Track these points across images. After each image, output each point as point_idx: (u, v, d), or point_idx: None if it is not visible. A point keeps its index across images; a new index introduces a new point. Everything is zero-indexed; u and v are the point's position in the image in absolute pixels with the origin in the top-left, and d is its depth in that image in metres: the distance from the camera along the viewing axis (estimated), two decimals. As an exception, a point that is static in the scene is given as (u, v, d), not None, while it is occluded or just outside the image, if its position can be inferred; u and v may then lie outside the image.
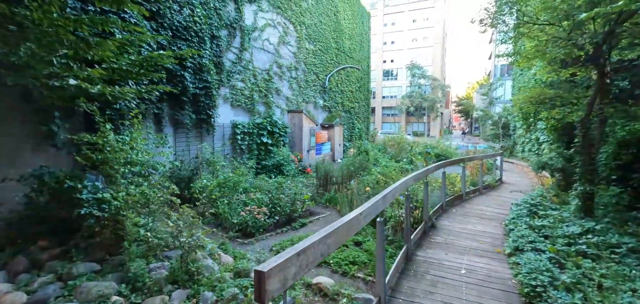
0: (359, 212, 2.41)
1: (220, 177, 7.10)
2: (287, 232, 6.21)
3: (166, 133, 8.60)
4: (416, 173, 5.13)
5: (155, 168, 6.16)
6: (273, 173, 12.07)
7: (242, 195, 7.09)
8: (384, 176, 8.10)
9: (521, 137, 19.22)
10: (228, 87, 10.97)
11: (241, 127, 11.42)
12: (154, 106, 7.88)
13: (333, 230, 1.97)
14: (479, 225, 6.61)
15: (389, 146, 19.74)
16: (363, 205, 2.64)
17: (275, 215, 6.42)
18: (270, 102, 13.29)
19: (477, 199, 9.16)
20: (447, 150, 20.66)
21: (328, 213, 7.64)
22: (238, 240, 5.61)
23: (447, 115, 66.83)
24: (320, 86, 17.88)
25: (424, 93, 47.24)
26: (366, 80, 24.96)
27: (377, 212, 3.03)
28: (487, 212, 7.64)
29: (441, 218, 7.09)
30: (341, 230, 2.07)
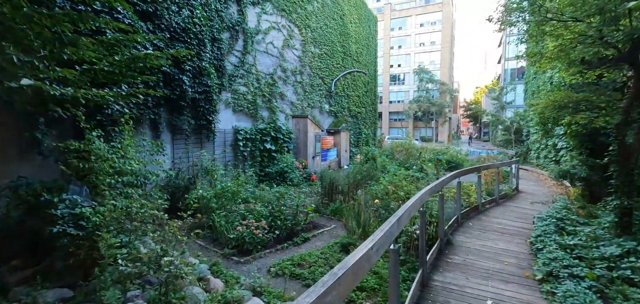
0: (369, 246, 1.88)
1: (218, 187, 6.62)
2: (288, 248, 5.68)
3: (163, 139, 8.17)
4: (432, 186, 4.57)
5: (147, 177, 5.70)
6: (276, 180, 11.58)
7: (242, 206, 6.59)
8: (393, 186, 7.53)
9: (536, 143, 18.42)
10: (230, 92, 10.55)
11: (243, 132, 10.97)
12: (150, 111, 7.47)
13: (334, 280, 1.44)
14: (500, 241, 5.99)
15: (397, 152, 19.12)
16: (374, 235, 2.11)
17: (275, 229, 5.90)
18: (274, 107, 12.85)
19: (494, 211, 8.51)
20: (457, 156, 19.94)
21: (333, 225, 7.08)
22: (234, 258, 5.10)
23: (455, 120, 65.79)
24: (326, 90, 17.41)
25: (432, 98, 46.47)
26: (373, 85, 24.43)
27: (391, 240, 2.49)
28: (508, 226, 7.01)
29: (457, 233, 6.49)
30: (346, 279, 1.54)
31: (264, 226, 5.46)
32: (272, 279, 4.39)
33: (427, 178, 10.27)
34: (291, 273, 4.45)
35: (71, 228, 3.69)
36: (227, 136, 10.63)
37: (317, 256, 5.09)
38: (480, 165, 9.60)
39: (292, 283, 4.34)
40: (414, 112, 48.22)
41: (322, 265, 4.72)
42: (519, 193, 11.17)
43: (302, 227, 6.43)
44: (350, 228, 5.90)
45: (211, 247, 5.59)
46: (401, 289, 4.11)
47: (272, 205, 6.30)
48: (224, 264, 4.88)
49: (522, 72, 38.71)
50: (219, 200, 6.48)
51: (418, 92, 48.31)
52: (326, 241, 6.11)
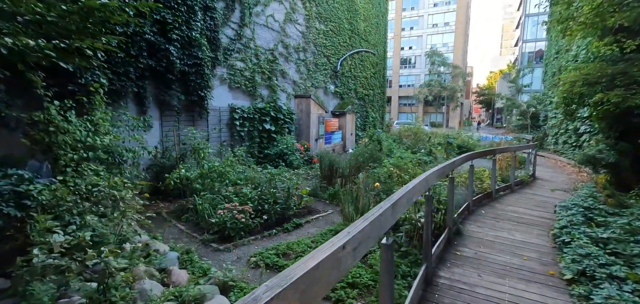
0: (340, 245, 1.22)
1: (205, 167, 6.04)
2: (276, 235, 5.10)
3: (150, 115, 7.62)
4: (440, 167, 3.87)
5: (121, 155, 5.14)
6: (276, 163, 10.98)
7: (230, 188, 6.02)
8: (397, 169, 6.84)
9: (554, 128, 17.31)
10: (225, 67, 9.89)
11: (240, 111, 10.35)
12: (133, 83, 6.87)
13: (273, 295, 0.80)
14: (517, 232, 5.28)
15: (405, 136, 18.28)
16: (353, 226, 1.45)
17: (263, 214, 5.31)
18: (274, 85, 12.15)
19: (509, 198, 7.75)
20: (469, 141, 18.98)
21: (330, 211, 6.47)
22: (213, 245, 4.54)
23: (467, 106, 63.82)
24: (331, 70, 16.57)
25: (443, 82, 44.86)
26: (382, 66, 23.36)
27: (382, 231, 1.83)
28: (525, 215, 6.26)
29: (468, 221, 5.80)
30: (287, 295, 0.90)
31: (249, 210, 4.87)
32: (251, 271, 3.82)
33: (435, 162, 9.51)
34: (273, 264, 3.86)
35: (11, 208, 3.15)
36: (223, 114, 10.03)
37: (307, 245, 4.49)
38: (496, 148, 8.78)
39: (272, 275, 3.75)
40: (424, 97, 46.73)
41: (310, 256, 4.11)
42: (535, 180, 10.34)
43: (294, 212, 5.83)
44: (347, 214, 5.27)
45: (192, 232, 5.04)
46: (400, 287, 3.48)
47: (261, 188, 5.70)
48: (200, 252, 4.33)
49: (540, 54, 36.83)
50: (205, 180, 5.91)
51: (429, 76, 46.67)
52: (320, 228, 5.50)
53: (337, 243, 1.24)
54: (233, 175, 6.29)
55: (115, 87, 6.40)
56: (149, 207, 6.37)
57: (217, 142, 9.87)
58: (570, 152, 14.35)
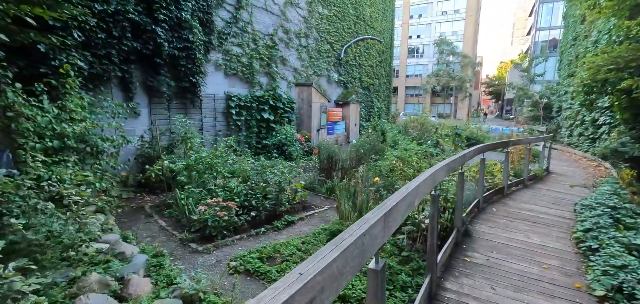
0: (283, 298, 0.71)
1: (192, 157, 5.57)
2: (265, 234, 4.62)
3: (138, 102, 7.16)
4: (450, 161, 3.32)
5: (96, 144, 4.69)
6: (274, 154, 10.50)
7: (219, 181, 5.56)
8: (401, 162, 6.29)
9: (568, 120, 16.46)
10: (221, 52, 9.36)
11: (236, 99, 9.84)
12: (117, 67, 6.39)
13: None
14: (534, 234, 4.72)
15: (411, 127, 17.62)
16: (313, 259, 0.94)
17: (251, 210, 4.83)
18: (273, 72, 11.59)
19: (523, 194, 7.15)
20: (477, 133, 18.26)
21: (327, 207, 5.98)
22: (192, 244, 4.08)
23: (476, 97, 62.36)
24: (335, 58, 15.91)
25: (452, 72, 43.65)
26: (388, 55, 22.56)
27: (369, 254, 1.32)
28: (542, 214, 5.68)
29: (477, 220, 5.25)
30: None
31: (234, 207, 4.39)
32: (229, 278, 3.35)
33: (443, 154, 8.92)
34: (255, 270, 3.39)
35: (-57, 206, 2.71)
36: (218, 102, 9.54)
37: (296, 247, 4.01)
38: (509, 139, 8.15)
39: (253, 283, 3.28)
40: (432, 87, 45.59)
41: (297, 260, 3.63)
42: (549, 175, 9.68)
43: (287, 208, 5.35)
44: (343, 211, 4.77)
45: (172, 229, 4.59)
46: (399, 302, 2.98)
47: (250, 181, 5.22)
48: (176, 254, 3.88)
49: (554, 43, 35.44)
50: (191, 173, 5.45)
51: (438, 65, 45.44)
52: (315, 226, 5.01)
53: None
54: (222, 166, 5.81)
55: (96, 70, 5.93)
56: (133, 200, 5.96)
57: (212, 131, 9.42)
58: (586, 144, 13.58)
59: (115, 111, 5.43)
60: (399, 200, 1.72)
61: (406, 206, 1.89)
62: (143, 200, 5.99)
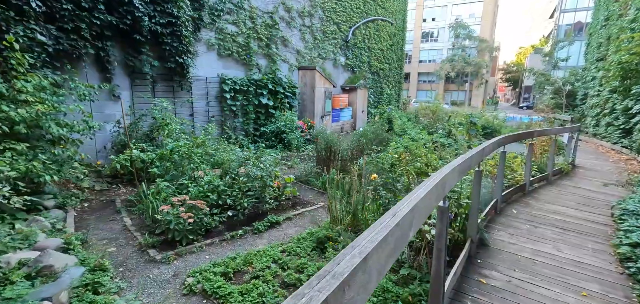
0: None
1: (168, 147, 4.92)
2: (242, 238, 3.96)
3: (117, 84, 6.53)
4: (465, 159, 2.53)
5: (50, 131, 4.07)
6: (272, 142, 9.83)
7: (200, 172, 4.90)
8: (407, 154, 5.50)
9: (595, 108, 15.13)
10: (213, 30, 8.61)
11: (231, 82, 9.13)
12: (89, 44, 5.73)
13: None
14: (564, 245, 3.90)
15: (423, 115, 16.60)
16: None
17: (228, 209, 4.16)
18: (273, 54, 10.79)
19: (547, 193, 6.27)
20: (493, 122, 17.12)
21: (320, 204, 5.27)
22: (151, 251, 3.45)
23: (492, 84, 59.88)
24: (342, 40, 14.95)
25: (468, 57, 41.71)
26: (400, 38, 21.30)
27: None
28: (571, 218, 4.83)
29: (495, 225, 4.46)
30: None
31: (202, 206, 3.72)
32: (183, 299, 2.70)
33: (455, 145, 8.05)
34: (213, 291, 2.71)
35: None
36: (211, 86, 8.85)
37: (273, 259, 3.32)
38: (534, 129, 7.21)
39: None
40: (446, 73, 43.78)
41: (270, 278, 2.94)
42: (575, 169, 8.70)
43: (273, 206, 4.67)
44: (334, 213, 4.05)
45: (136, 230, 3.97)
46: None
47: (230, 175, 4.53)
48: (129, 263, 3.25)
49: (579, 26, 33.24)
50: (164, 163, 4.81)
51: (453, 50, 43.49)
52: (303, 228, 4.33)
53: None
54: (202, 157, 5.15)
55: (63, 46, 5.29)
56: (107, 193, 5.38)
57: (204, 117, 8.77)
58: (616, 135, 12.38)
59: (82, 93, 4.79)
60: (387, 233, 0.99)
61: (397, 243, 1.14)
62: (117, 193, 5.40)
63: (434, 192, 1.66)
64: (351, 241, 2.82)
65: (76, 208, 4.59)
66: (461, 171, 2.41)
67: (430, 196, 1.60)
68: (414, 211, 1.27)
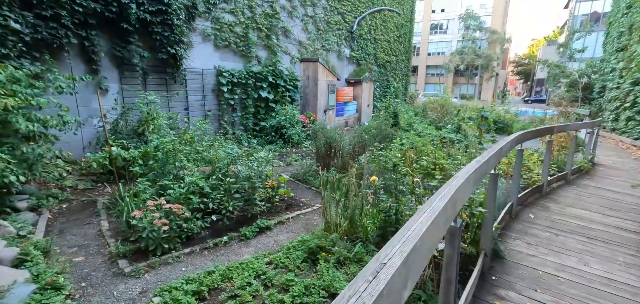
0: None
1: (153, 143, 4.54)
2: (227, 245, 3.57)
3: (105, 76, 6.18)
4: (479, 163, 2.06)
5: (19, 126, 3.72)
6: (271, 137, 9.43)
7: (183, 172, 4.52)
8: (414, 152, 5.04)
9: (614, 102, 14.33)
10: (209, 20, 8.19)
11: (228, 75, 8.72)
12: (71, 32, 5.37)
13: None
14: (592, 257, 3.42)
15: (431, 109, 16.01)
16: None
17: (212, 213, 3.78)
18: (274, 45, 10.33)
19: (567, 194, 5.74)
20: (504, 116, 16.44)
21: (317, 206, 4.86)
22: (121, 262, 3.08)
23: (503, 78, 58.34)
24: (346, 31, 14.39)
25: (478, 49, 40.53)
26: (408, 29, 20.58)
27: None
28: (596, 225, 4.32)
29: (510, 233, 3.98)
30: None
31: (179, 210, 3.33)
32: (144, 326, 2.32)
33: (465, 141, 7.53)
34: (180, 316, 2.33)
35: None
36: (207, 78, 8.46)
37: (256, 273, 2.92)
38: (554, 125, 6.64)
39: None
40: (455, 66, 42.67)
41: (249, 299, 2.53)
42: (596, 167, 8.09)
43: (263, 209, 4.27)
44: (329, 218, 3.62)
45: (111, 236, 3.62)
46: None
47: (216, 174, 4.14)
48: (95, 277, 2.88)
49: (596, 16, 31.89)
50: (148, 162, 4.44)
51: (463, 42, 42.30)
52: (296, 234, 3.93)
53: None
54: (189, 154, 4.76)
55: (42, 35, 4.94)
56: (91, 192, 5.05)
57: (200, 111, 8.40)
58: (637, 131, 11.65)
59: (58, 85, 4.43)
60: None
61: None
62: (103, 192, 5.07)
63: (441, 216, 1.21)
64: (346, 252, 2.35)
65: (53, 210, 4.26)
66: (476, 180, 1.96)
67: (436, 226, 1.16)
68: (408, 263, 0.83)
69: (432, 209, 1.17)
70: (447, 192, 1.37)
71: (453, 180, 1.55)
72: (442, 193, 1.37)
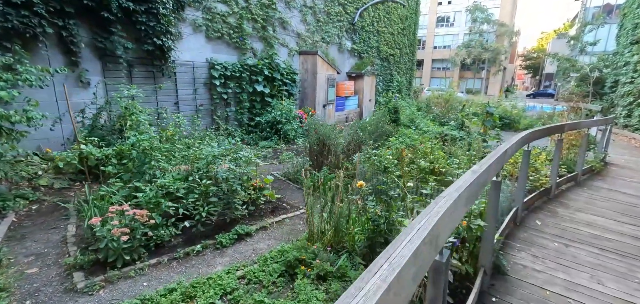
0: None
1: (129, 140, 4.22)
2: (200, 255, 3.25)
3: (86, 69, 5.87)
4: (476, 175, 1.68)
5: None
6: (266, 133, 9.10)
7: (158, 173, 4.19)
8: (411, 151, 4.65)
9: (627, 97, 13.70)
10: (200, 10, 7.83)
11: (221, 68, 8.37)
12: (45, 21, 5.05)
13: None
14: (607, 274, 3.03)
15: (435, 104, 15.52)
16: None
17: (185, 219, 3.46)
18: (270, 37, 9.93)
19: (577, 197, 5.32)
20: (511, 112, 15.90)
21: (304, 210, 4.50)
22: (76, 274, 2.78)
23: (510, 72, 57.16)
24: (348, 23, 13.91)
25: (485, 42, 39.57)
26: (412, 21, 19.96)
27: None
28: (611, 234, 3.92)
29: (514, 243, 3.60)
30: None
31: (141, 217, 3.00)
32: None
33: (468, 138, 7.11)
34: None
35: None
36: (199, 71, 8.12)
37: (225, 290, 2.59)
38: (564, 122, 6.18)
39: None
40: (461, 60, 41.76)
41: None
42: (608, 167, 7.62)
43: (244, 213, 3.94)
44: (312, 227, 3.28)
45: (74, 243, 3.31)
46: None
47: (194, 176, 3.81)
48: (41, 295, 2.58)
49: (609, 8, 30.85)
50: (122, 160, 4.12)
51: (470, 35, 41.33)
52: (278, 241, 3.60)
53: None
54: (172, 152, 4.44)
55: (12, 24, 4.62)
56: (67, 191, 4.76)
57: (191, 106, 8.08)
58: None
59: (26, 78, 4.12)
60: None
61: None
62: (79, 192, 4.78)
63: (416, 260, 0.86)
64: (329, 266, 1.93)
65: (20, 212, 3.98)
66: (472, 195, 1.58)
67: (410, 270, 0.80)
68: None
69: (399, 258, 0.81)
70: (425, 224, 1.01)
71: (435, 203, 1.18)
72: (419, 224, 1.01)
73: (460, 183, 1.47)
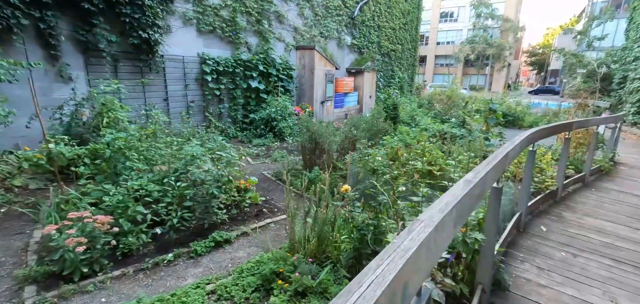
0: None
1: (105, 139, 3.95)
2: (171, 264, 2.98)
3: (67, 63, 5.60)
4: (471, 185, 1.37)
5: None
6: (261, 131, 8.81)
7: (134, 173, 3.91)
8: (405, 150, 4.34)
9: (637, 93, 13.24)
10: (191, 2, 7.52)
11: (213, 63, 8.07)
12: (19, 13, 4.77)
13: None
14: (620, 289, 2.72)
15: (437, 101, 15.14)
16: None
17: (157, 225, 3.18)
18: (265, 31, 9.61)
19: (585, 200, 4.97)
20: (515, 109, 15.48)
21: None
22: (28, 288, 2.51)
23: (515, 69, 56.33)
24: (347, 17, 13.55)
25: (489, 38, 38.91)
26: (415, 16, 19.53)
27: None
28: (623, 242, 3.59)
29: (518, 253, 3.29)
30: None
31: (102, 227, 2.72)
32: None
33: (469, 137, 6.77)
34: None
35: None
36: (190, 66, 7.83)
37: (189, 308, 2.31)
38: (572, 120, 5.82)
39: None
40: (465, 56, 41.13)
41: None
42: (617, 167, 7.25)
43: (224, 218, 3.65)
44: (294, 236, 2.99)
45: (33, 254, 3.05)
46: None
47: (169, 179, 3.53)
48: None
49: (617, 2, 30.10)
50: (95, 160, 3.85)
51: (474, 31, 40.66)
52: (260, 249, 3.31)
53: None
54: (149, 152, 4.16)
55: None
56: (42, 192, 4.50)
57: (182, 102, 7.80)
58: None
59: None
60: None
61: None
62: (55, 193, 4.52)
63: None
64: (310, 280, 1.62)
65: (-16, 215, 3.72)
66: (465, 210, 1.28)
67: None
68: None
69: None
70: (387, 268, 0.71)
71: (408, 232, 0.88)
72: (374, 273, 0.70)
73: (448, 198, 1.16)
